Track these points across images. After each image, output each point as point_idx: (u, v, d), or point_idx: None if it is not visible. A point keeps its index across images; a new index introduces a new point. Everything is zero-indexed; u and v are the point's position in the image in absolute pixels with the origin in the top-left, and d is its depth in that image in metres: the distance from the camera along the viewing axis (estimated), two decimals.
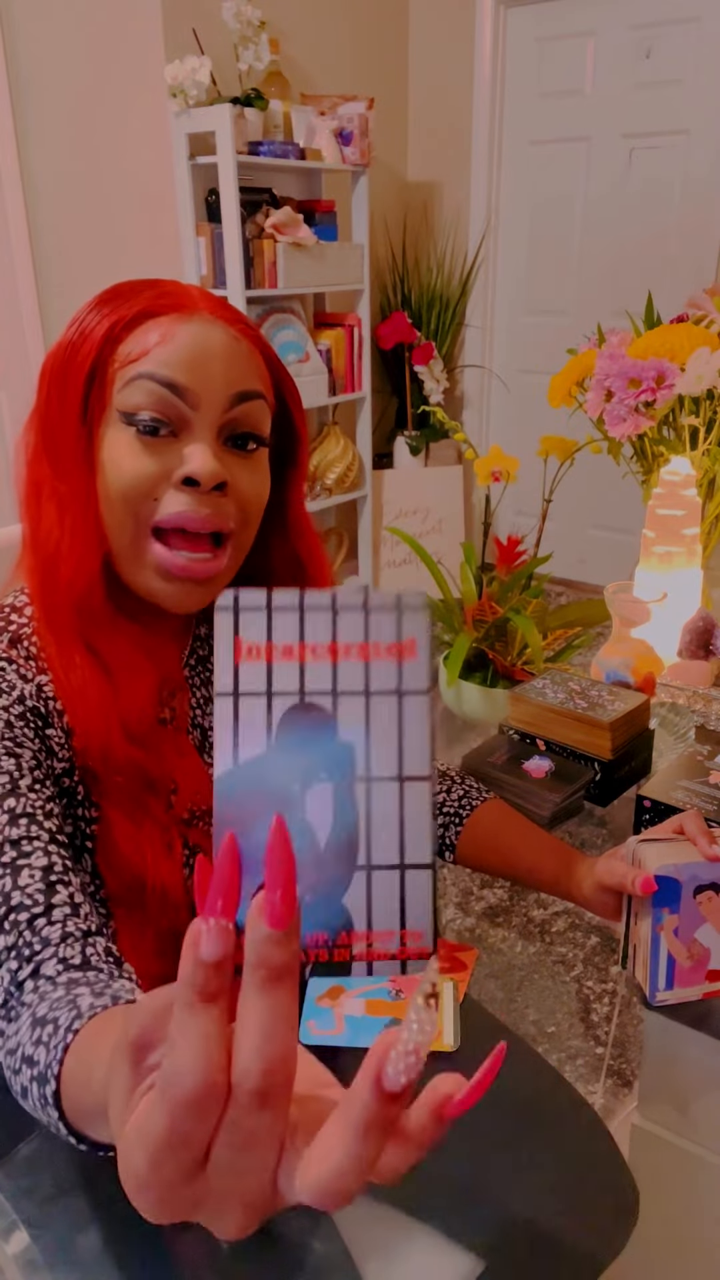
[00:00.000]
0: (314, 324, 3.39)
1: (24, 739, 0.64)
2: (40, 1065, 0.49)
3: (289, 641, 0.31)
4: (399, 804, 0.30)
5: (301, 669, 0.31)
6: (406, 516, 3.79)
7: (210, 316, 0.67)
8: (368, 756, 0.31)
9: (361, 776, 0.30)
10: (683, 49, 3.17)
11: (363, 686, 0.31)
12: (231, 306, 0.71)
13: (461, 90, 3.63)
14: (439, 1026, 0.78)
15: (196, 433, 0.67)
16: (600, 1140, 0.73)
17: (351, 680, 0.31)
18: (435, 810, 0.30)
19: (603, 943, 1.81)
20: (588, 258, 3.59)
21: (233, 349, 0.67)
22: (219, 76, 2.76)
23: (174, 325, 0.66)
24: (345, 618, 0.31)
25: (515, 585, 1.42)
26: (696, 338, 1.47)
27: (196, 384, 0.65)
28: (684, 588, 1.43)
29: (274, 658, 0.31)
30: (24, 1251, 0.63)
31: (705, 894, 0.72)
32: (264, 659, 0.31)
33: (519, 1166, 0.70)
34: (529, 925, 1.87)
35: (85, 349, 0.67)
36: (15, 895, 0.58)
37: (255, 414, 0.69)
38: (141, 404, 0.65)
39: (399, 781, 0.30)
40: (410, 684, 0.31)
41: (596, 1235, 0.67)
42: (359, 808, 0.30)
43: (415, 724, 0.31)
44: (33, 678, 0.66)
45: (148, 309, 0.66)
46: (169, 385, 0.65)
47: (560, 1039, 1.57)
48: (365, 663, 0.31)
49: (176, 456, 0.66)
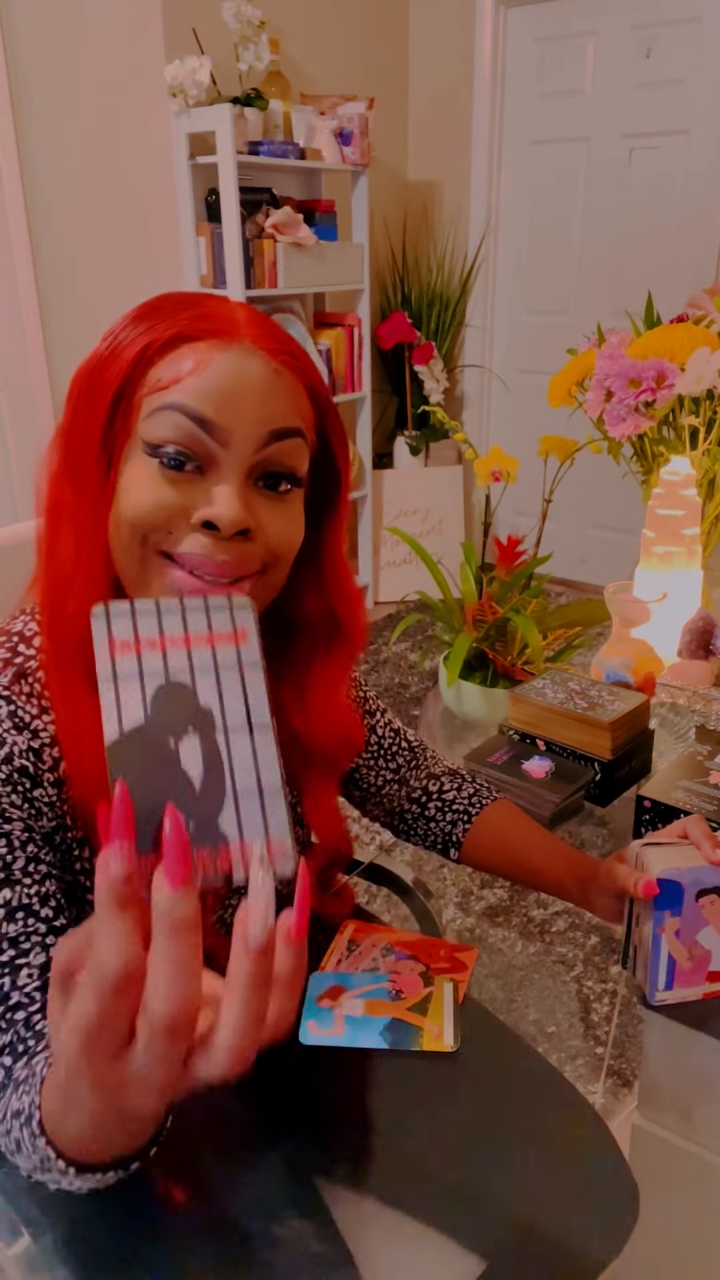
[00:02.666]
0: (314, 324, 3.39)
1: (11, 809, 0.62)
2: (25, 1110, 0.51)
3: (152, 636, 0.40)
4: (252, 747, 0.39)
5: (164, 656, 0.40)
6: (406, 516, 3.79)
7: (251, 346, 0.62)
8: (223, 715, 0.40)
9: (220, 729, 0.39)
10: (683, 49, 3.17)
11: (212, 665, 0.40)
12: (279, 332, 0.65)
13: (461, 90, 3.63)
14: (440, 1026, 0.78)
15: (224, 472, 0.62)
16: (600, 1137, 0.73)
17: (203, 662, 0.40)
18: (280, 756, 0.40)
19: (603, 943, 1.81)
20: (588, 258, 3.59)
21: (271, 383, 0.62)
22: (219, 76, 2.76)
23: (210, 353, 0.61)
24: (192, 616, 0.41)
25: (515, 585, 1.42)
26: (696, 338, 1.47)
27: (228, 420, 0.60)
28: (684, 588, 1.43)
29: (141, 649, 0.40)
30: (25, 1252, 0.64)
31: (708, 897, 0.72)
32: (134, 651, 0.40)
33: (519, 1165, 0.70)
34: (529, 925, 1.87)
35: (115, 368, 0.62)
36: (14, 995, 0.58)
37: (291, 453, 0.64)
38: (168, 437, 0.60)
39: (249, 731, 0.40)
40: (247, 660, 0.41)
41: (597, 1233, 0.67)
42: (222, 753, 0.39)
43: (255, 689, 0.41)
44: (29, 721, 0.64)
45: (184, 332, 0.61)
46: (198, 420, 0.60)
47: (560, 1039, 1.57)
48: (212, 648, 0.41)
49: (201, 495, 0.61)
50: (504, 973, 1.70)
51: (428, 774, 0.99)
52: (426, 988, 0.82)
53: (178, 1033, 0.34)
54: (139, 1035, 0.35)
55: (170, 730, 0.39)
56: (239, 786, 0.39)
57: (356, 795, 0.98)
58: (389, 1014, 0.79)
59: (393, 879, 1.10)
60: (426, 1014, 0.79)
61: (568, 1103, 0.77)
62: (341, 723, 0.79)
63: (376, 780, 0.97)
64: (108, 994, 0.34)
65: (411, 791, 0.98)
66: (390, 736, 0.98)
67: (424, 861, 1.20)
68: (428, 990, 0.82)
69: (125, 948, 0.34)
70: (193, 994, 0.34)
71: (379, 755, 0.97)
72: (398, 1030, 0.77)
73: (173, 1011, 0.34)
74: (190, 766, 0.38)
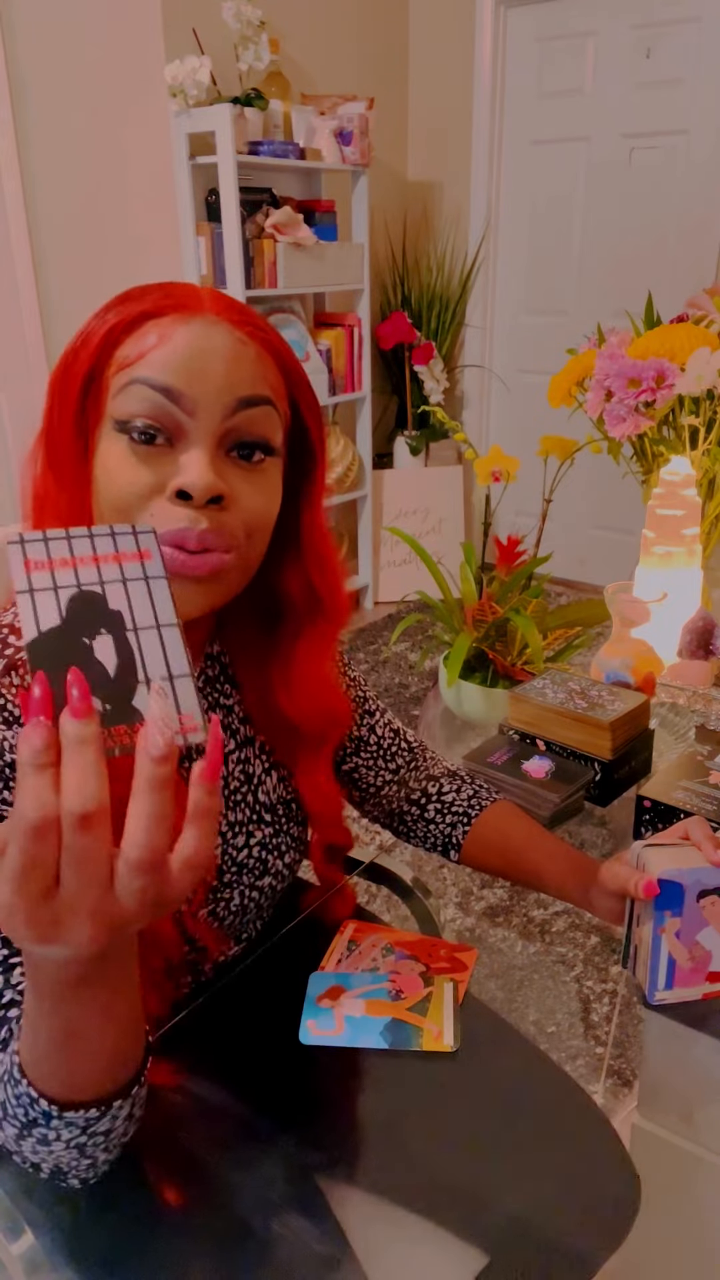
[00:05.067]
0: (314, 324, 3.39)
1: (2, 807, 0.62)
2: (5, 1064, 0.54)
3: (64, 557, 0.46)
4: (160, 641, 0.45)
5: (75, 571, 0.45)
6: (406, 516, 3.79)
7: (214, 317, 0.63)
8: (133, 616, 0.45)
9: (130, 628, 0.45)
10: (683, 49, 3.17)
11: (119, 577, 0.46)
12: (245, 309, 0.66)
13: (461, 90, 3.63)
14: (440, 1026, 0.78)
15: (193, 441, 0.61)
16: (599, 1129, 0.73)
17: (111, 574, 0.46)
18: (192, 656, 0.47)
19: (603, 943, 1.81)
20: (588, 258, 3.59)
21: (237, 351, 0.62)
22: (219, 76, 2.76)
23: (173, 326, 0.61)
24: (100, 540, 0.47)
25: (515, 585, 1.42)
26: (696, 338, 1.47)
27: (193, 388, 0.61)
28: (684, 588, 1.43)
29: (54, 568, 0.45)
30: (27, 1252, 0.64)
31: (709, 898, 0.72)
32: (48, 569, 0.45)
33: (519, 1162, 0.71)
34: (529, 925, 1.87)
35: (84, 354, 0.63)
36: (7, 993, 0.59)
37: (261, 421, 0.64)
38: (135, 411, 0.61)
39: (157, 628, 0.46)
40: (152, 573, 0.47)
41: (598, 1225, 0.67)
42: (133, 647, 0.45)
43: (161, 595, 0.47)
44: (19, 716, 0.64)
45: (149, 310, 0.62)
46: (163, 390, 0.60)
47: (560, 1039, 1.57)
48: (119, 564, 0.47)
49: (172, 466, 0.61)
50: (504, 973, 1.70)
51: (427, 775, 0.99)
52: (426, 988, 0.82)
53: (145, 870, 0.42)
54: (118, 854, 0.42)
55: (84, 631, 0.44)
56: (150, 673, 0.44)
57: (356, 796, 0.98)
58: (389, 1014, 0.79)
59: (393, 879, 1.11)
60: (426, 1014, 0.79)
61: (568, 1098, 0.77)
62: (326, 698, 0.79)
63: (376, 781, 0.97)
64: (29, 838, 0.40)
65: (411, 793, 0.98)
66: (390, 737, 0.98)
67: (424, 861, 1.20)
68: (428, 990, 0.82)
69: (42, 799, 0.40)
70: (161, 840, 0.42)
71: (378, 756, 0.97)
72: (398, 1030, 0.78)
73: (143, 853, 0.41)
74: (105, 659, 0.44)
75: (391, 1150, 0.72)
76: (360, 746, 0.95)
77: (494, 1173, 0.70)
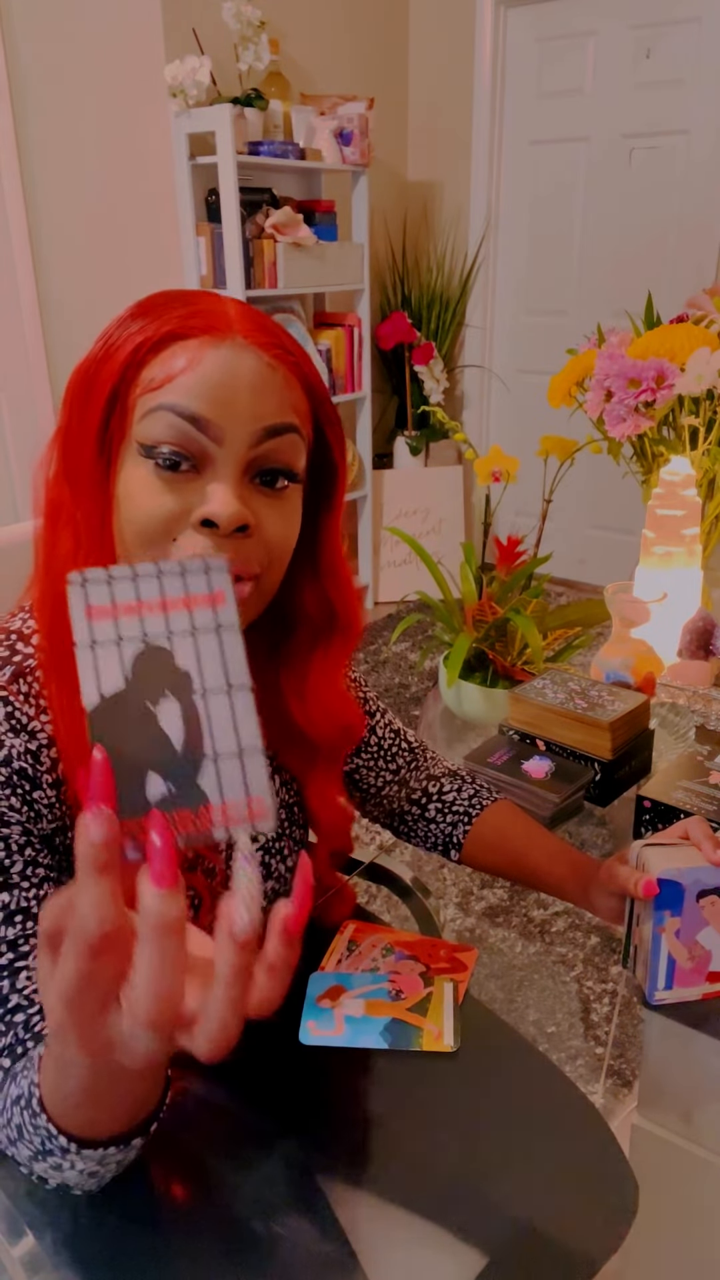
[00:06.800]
0: (314, 324, 3.39)
1: (10, 813, 0.62)
2: (24, 1092, 0.52)
3: (129, 602, 0.40)
4: (230, 708, 0.39)
5: (141, 621, 0.40)
6: (406, 516, 3.79)
7: (244, 341, 0.61)
8: (201, 677, 0.40)
9: (198, 691, 0.39)
10: (683, 49, 3.18)
11: (189, 628, 0.40)
12: (273, 327, 0.64)
13: (461, 90, 3.63)
14: (440, 1026, 0.78)
15: (219, 470, 0.61)
16: (598, 1132, 0.73)
17: (180, 624, 0.40)
18: (257, 714, 0.40)
19: (603, 943, 1.81)
20: (588, 258, 3.59)
21: (265, 379, 0.62)
22: (219, 76, 2.76)
23: (201, 351, 0.60)
24: (168, 580, 0.41)
25: (515, 585, 1.42)
26: (696, 338, 1.47)
27: (221, 417, 0.60)
28: (684, 588, 1.43)
29: (119, 615, 0.40)
30: (28, 1252, 0.64)
31: (708, 898, 0.72)
32: (112, 617, 0.39)
33: (519, 1163, 0.71)
34: (529, 925, 1.87)
35: (109, 369, 0.62)
36: (14, 998, 0.58)
37: (286, 449, 0.63)
38: (161, 437, 0.60)
39: (228, 691, 0.40)
40: (224, 621, 0.41)
41: (596, 1227, 0.67)
42: (201, 715, 0.39)
43: (232, 650, 0.40)
44: (27, 723, 0.64)
45: (176, 330, 0.61)
46: (191, 418, 0.59)
47: (560, 1039, 1.57)
48: (189, 611, 0.41)
49: (197, 494, 0.61)
50: (504, 973, 1.70)
51: (428, 775, 0.99)
52: (426, 988, 0.82)
53: (159, 1027, 0.36)
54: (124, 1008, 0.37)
55: (148, 694, 0.39)
56: (219, 746, 0.39)
57: (357, 796, 0.98)
58: (389, 1014, 0.79)
59: (393, 879, 1.11)
60: (426, 1014, 0.79)
61: (567, 1100, 0.78)
62: (341, 712, 0.79)
63: (376, 781, 0.97)
64: (86, 955, 0.35)
65: (411, 793, 0.98)
66: (390, 737, 0.98)
67: (424, 861, 1.20)
68: (428, 990, 0.82)
69: (104, 910, 0.35)
70: (174, 992, 0.36)
71: (379, 756, 0.97)
72: (398, 1030, 0.78)
73: (152, 1009, 0.35)
74: (170, 729, 0.39)
75: (391, 1150, 0.72)
76: (361, 747, 0.95)
77: (494, 1173, 0.70)
